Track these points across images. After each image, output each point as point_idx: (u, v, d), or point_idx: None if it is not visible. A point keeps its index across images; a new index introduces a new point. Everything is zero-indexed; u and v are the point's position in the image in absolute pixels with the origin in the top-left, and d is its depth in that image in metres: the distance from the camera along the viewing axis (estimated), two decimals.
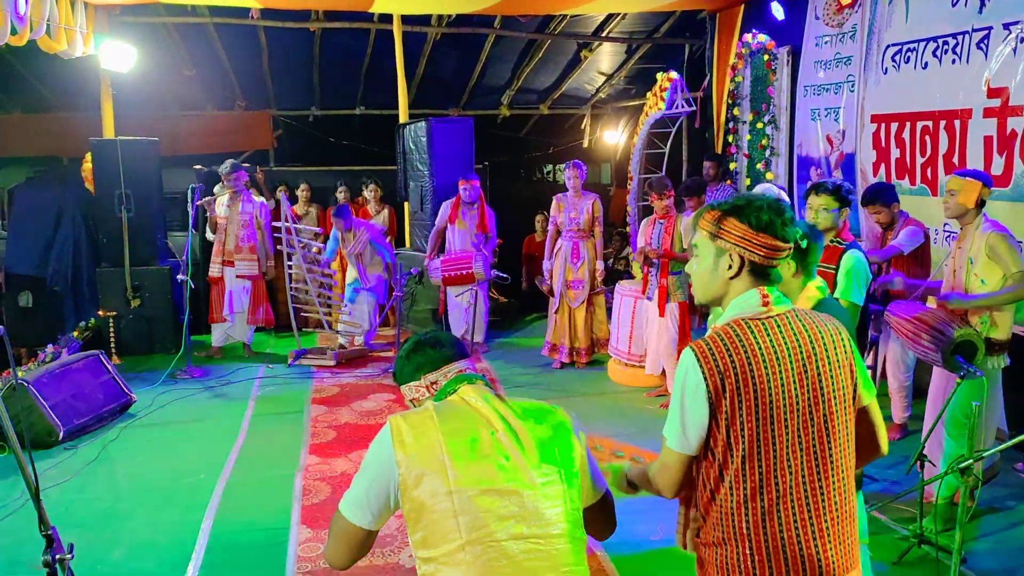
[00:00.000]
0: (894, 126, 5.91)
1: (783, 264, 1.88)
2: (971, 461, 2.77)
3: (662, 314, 5.91)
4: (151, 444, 5.36)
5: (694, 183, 6.71)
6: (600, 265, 6.94)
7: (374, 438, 1.80)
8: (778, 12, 7.32)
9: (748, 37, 7.61)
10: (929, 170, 5.54)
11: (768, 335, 1.77)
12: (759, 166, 7.66)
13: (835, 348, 1.83)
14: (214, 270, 7.41)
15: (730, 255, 1.82)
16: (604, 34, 9.93)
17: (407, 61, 8.88)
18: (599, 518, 1.94)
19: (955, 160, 5.28)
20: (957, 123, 5.26)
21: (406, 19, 8.78)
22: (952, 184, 3.99)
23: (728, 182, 7.80)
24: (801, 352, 1.78)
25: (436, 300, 7.78)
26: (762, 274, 1.82)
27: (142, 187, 7.58)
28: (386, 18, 8.77)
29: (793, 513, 1.75)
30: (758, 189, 4.67)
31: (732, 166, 8.07)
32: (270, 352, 7.75)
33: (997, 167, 4.94)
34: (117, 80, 8.14)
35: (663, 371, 6.07)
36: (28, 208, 9.13)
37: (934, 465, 4.00)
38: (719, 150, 8.34)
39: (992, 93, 4.96)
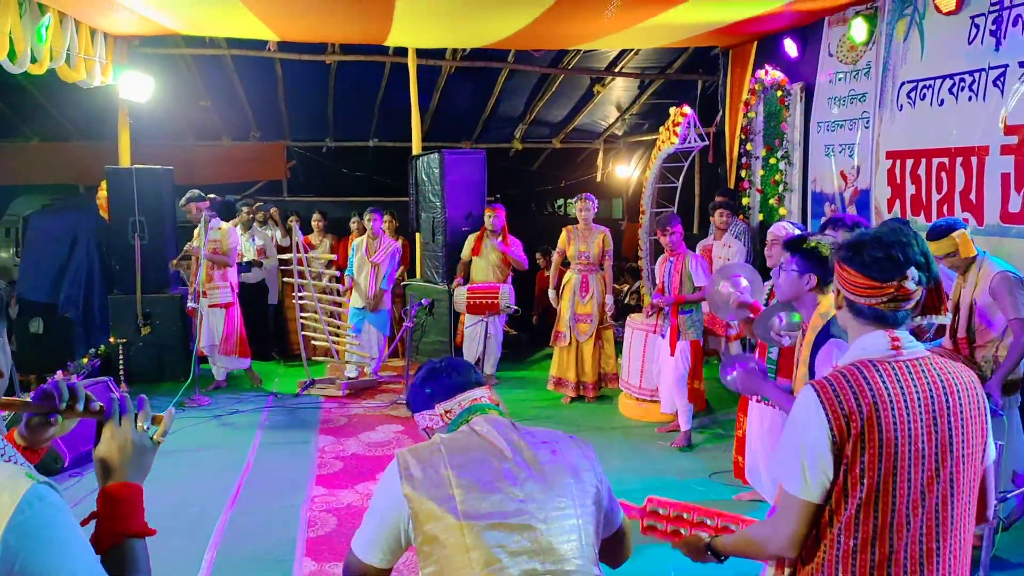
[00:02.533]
0: (909, 163, 5.88)
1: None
2: (996, 504, 2.69)
3: (673, 352, 5.85)
4: (157, 472, 5.18)
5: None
6: (610, 300, 6.91)
7: (382, 473, 1.75)
8: (791, 49, 7.35)
9: (761, 73, 7.63)
10: (945, 207, 5.49)
11: (898, 379, 1.67)
12: (772, 201, 7.64)
13: (969, 401, 1.71)
14: (191, 302, 7.03)
15: (835, 286, 1.82)
16: (617, 69, 10.00)
17: (421, 94, 8.95)
18: (615, 548, 1.88)
19: (972, 197, 5.24)
20: (974, 160, 5.23)
21: (421, 52, 8.87)
22: (943, 248, 3.89)
23: (740, 217, 7.78)
24: (933, 402, 1.67)
25: (447, 331, 7.75)
26: (877, 317, 1.74)
27: (156, 215, 7.62)
28: (401, 51, 8.86)
29: (905, 571, 1.64)
30: (772, 229, 4.62)
31: (745, 201, 8.05)
32: (278, 381, 7.71)
33: (1014, 204, 4.89)
34: (134, 110, 8.23)
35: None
36: (43, 235, 9.21)
37: None
38: (732, 185, 8.33)
39: (1009, 131, 4.93)
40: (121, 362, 7.30)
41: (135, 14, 6.55)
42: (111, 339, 7.45)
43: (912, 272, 1.70)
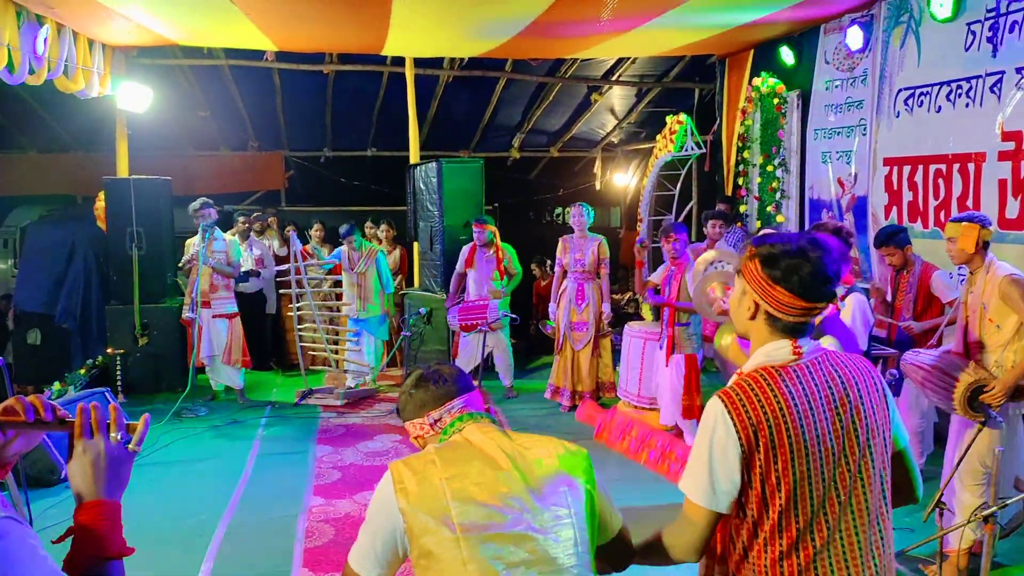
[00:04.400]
0: (907, 169, 5.89)
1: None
2: (994, 509, 2.68)
3: (667, 363, 5.84)
4: (154, 483, 5.28)
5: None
6: (606, 308, 6.89)
7: (376, 486, 1.74)
8: (787, 56, 7.37)
9: (758, 81, 7.65)
10: (942, 213, 5.49)
11: (800, 382, 1.68)
12: (769, 208, 7.64)
13: (868, 390, 1.73)
14: (187, 312, 7.02)
15: (752, 298, 1.74)
16: (614, 78, 10.02)
17: (419, 103, 8.97)
18: (615, 552, 1.85)
19: (969, 203, 5.24)
20: (971, 166, 5.23)
21: (418, 62, 8.89)
22: (950, 231, 3.93)
23: (739, 224, 7.78)
24: (834, 398, 1.69)
25: (445, 341, 7.73)
26: (789, 328, 1.71)
27: (153, 226, 7.61)
28: (399, 61, 8.88)
29: (831, 568, 1.66)
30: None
31: (742, 208, 8.05)
32: (276, 391, 7.69)
33: (1012, 210, 4.89)
34: (132, 120, 8.24)
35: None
36: (40, 246, 9.18)
37: (952, 513, 3.89)
38: (729, 192, 8.33)
39: (1006, 136, 4.94)
40: (119, 373, 7.28)
41: (133, 24, 6.56)
42: (108, 350, 7.43)
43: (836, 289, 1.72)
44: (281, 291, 7.68)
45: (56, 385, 6.56)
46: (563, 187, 12.51)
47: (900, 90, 5.97)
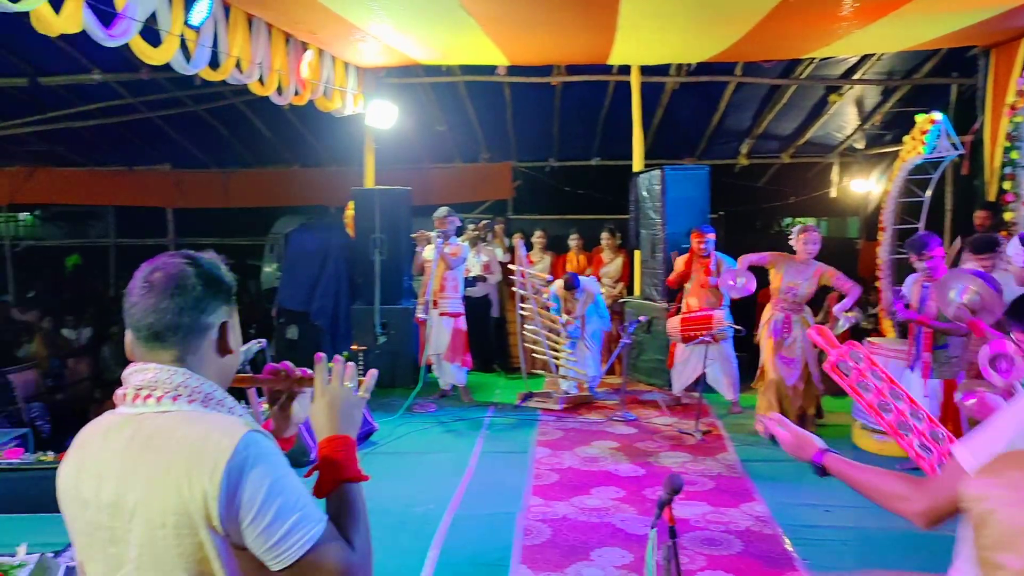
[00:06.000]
0: None
1: None
2: None
3: (925, 392, 5.28)
4: (388, 471, 5.67)
5: (985, 241, 5.40)
6: (846, 320, 6.26)
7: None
8: None
9: None
10: None
11: None
12: None
13: None
14: (421, 313, 7.44)
15: None
16: (856, 76, 9.34)
17: (644, 111, 8.92)
18: None
19: None
20: None
21: (645, 70, 8.84)
22: None
23: (1003, 233, 6.91)
24: None
25: (664, 350, 7.60)
26: None
27: (394, 233, 8.21)
28: (625, 70, 8.89)
29: None
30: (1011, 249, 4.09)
31: (1008, 216, 7.14)
32: (499, 392, 7.98)
33: None
34: (378, 136, 8.95)
35: None
36: (299, 251, 10.26)
37: None
38: (992, 198, 7.43)
39: None
40: (361, 367, 7.92)
41: (382, 45, 7.13)
42: (353, 346, 8.10)
43: None
44: (513, 289, 7.93)
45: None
46: (794, 195, 11.84)
47: None
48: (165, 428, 1.40)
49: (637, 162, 8.93)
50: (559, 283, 7.47)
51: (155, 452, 1.38)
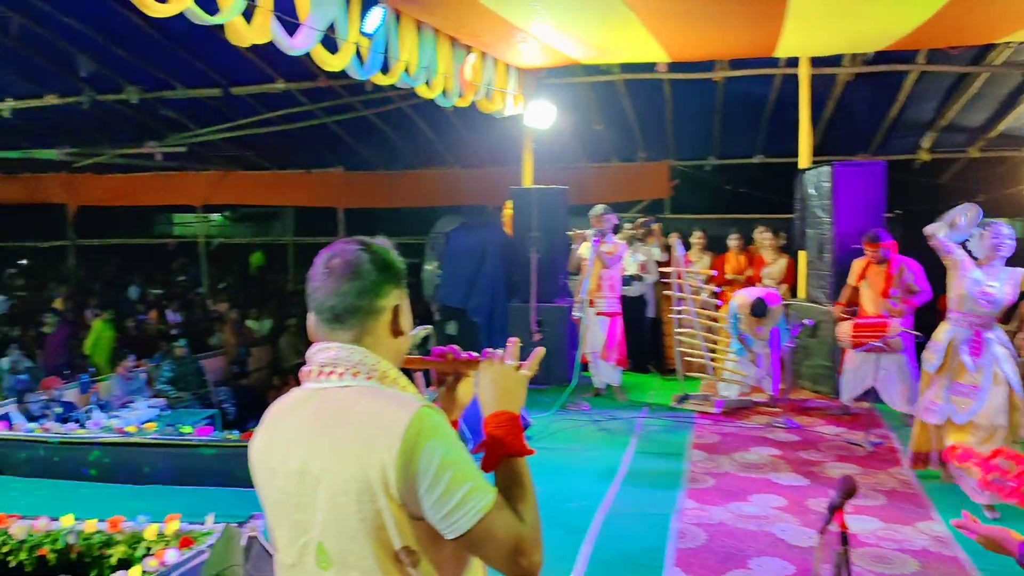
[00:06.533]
0: None
1: None
2: None
3: None
4: (542, 466, 5.71)
5: None
6: None
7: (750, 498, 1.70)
8: None
9: None
10: None
11: None
12: None
13: None
14: (577, 311, 7.40)
15: None
16: None
17: (813, 104, 8.49)
18: None
19: None
20: None
21: (815, 61, 8.42)
22: None
23: None
24: None
25: (830, 356, 7.21)
26: None
27: (551, 231, 8.28)
28: (792, 62, 8.51)
29: None
30: None
31: None
32: (653, 393, 7.87)
33: None
34: (536, 136, 9.08)
35: None
36: (459, 249, 10.59)
37: None
38: None
39: None
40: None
41: (542, 45, 7.21)
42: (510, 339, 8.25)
43: None
44: (665, 292, 7.81)
45: None
46: (984, 193, 10.85)
47: None
48: (346, 401, 1.51)
49: (804, 158, 8.52)
50: (741, 302, 7.09)
51: (337, 424, 1.49)
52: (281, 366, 10.62)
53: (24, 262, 16.71)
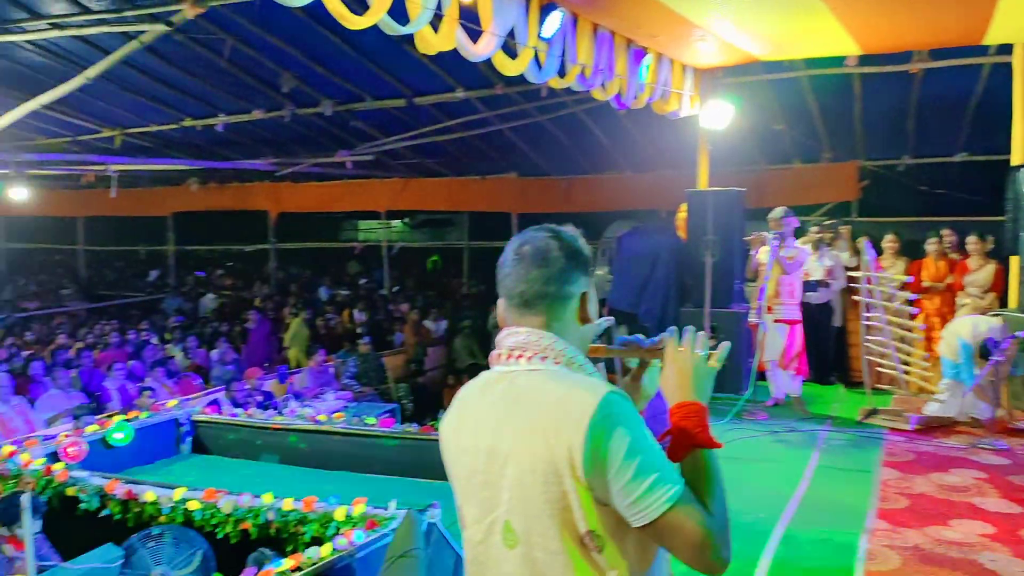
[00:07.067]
0: None
1: None
2: None
3: None
4: None
5: None
6: None
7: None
8: None
9: None
10: None
11: None
12: None
13: None
14: (754, 317, 7.18)
15: None
16: None
17: None
18: None
19: None
20: None
21: None
22: None
23: None
24: None
25: None
26: None
27: (726, 235, 8.01)
28: (1006, 49, 7.73)
29: None
30: None
31: None
32: (837, 406, 7.41)
33: None
34: (712, 137, 8.83)
35: None
36: (630, 254, 10.51)
37: None
38: None
39: None
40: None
41: (721, 43, 7.02)
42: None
43: None
44: (853, 297, 7.35)
45: None
46: None
47: None
48: (534, 384, 1.53)
49: (1017, 155, 7.70)
50: (971, 335, 6.43)
51: (525, 405, 1.52)
52: (455, 366, 11.00)
53: (230, 264, 18.46)
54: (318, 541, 4.06)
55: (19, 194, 14.51)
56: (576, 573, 1.46)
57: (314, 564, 3.73)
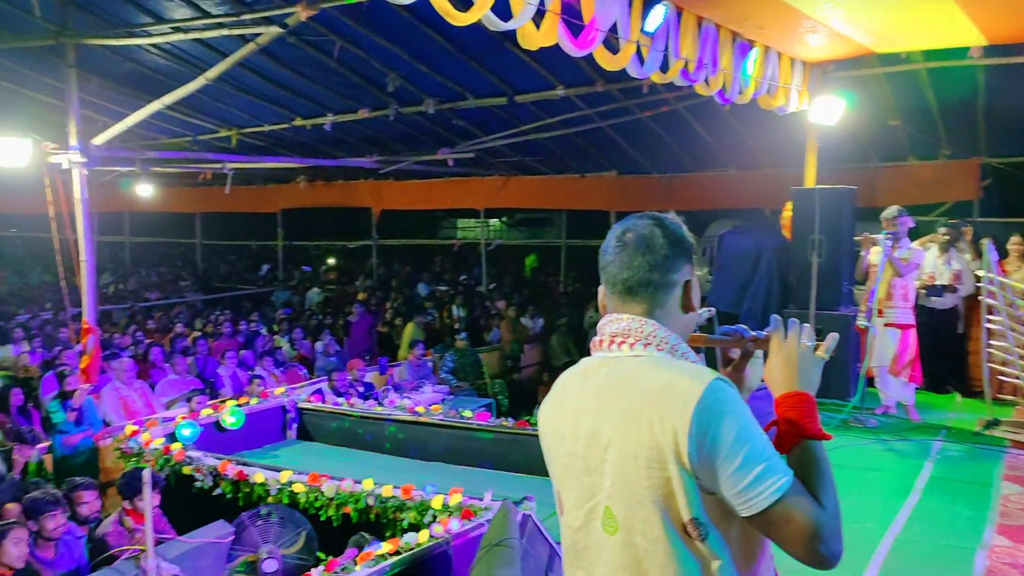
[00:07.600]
0: None
1: None
2: None
3: None
4: None
5: None
6: None
7: None
8: None
9: None
10: None
11: None
12: None
13: None
14: (862, 320, 6.81)
15: None
16: None
17: None
18: None
19: None
20: None
21: None
22: None
23: None
24: None
25: None
26: None
27: (834, 234, 7.71)
28: None
29: None
30: None
31: None
32: (952, 416, 7.02)
33: None
34: (820, 134, 8.51)
35: None
36: (731, 253, 10.29)
37: None
38: None
39: None
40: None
41: (832, 35, 6.75)
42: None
43: None
44: (979, 298, 6.92)
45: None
46: None
47: None
48: (636, 370, 1.52)
49: None
50: None
51: (628, 391, 1.50)
52: (551, 364, 11.02)
53: (332, 260, 19.08)
54: (415, 528, 4.16)
55: (145, 190, 15.46)
56: (677, 561, 1.44)
57: (411, 549, 3.82)
